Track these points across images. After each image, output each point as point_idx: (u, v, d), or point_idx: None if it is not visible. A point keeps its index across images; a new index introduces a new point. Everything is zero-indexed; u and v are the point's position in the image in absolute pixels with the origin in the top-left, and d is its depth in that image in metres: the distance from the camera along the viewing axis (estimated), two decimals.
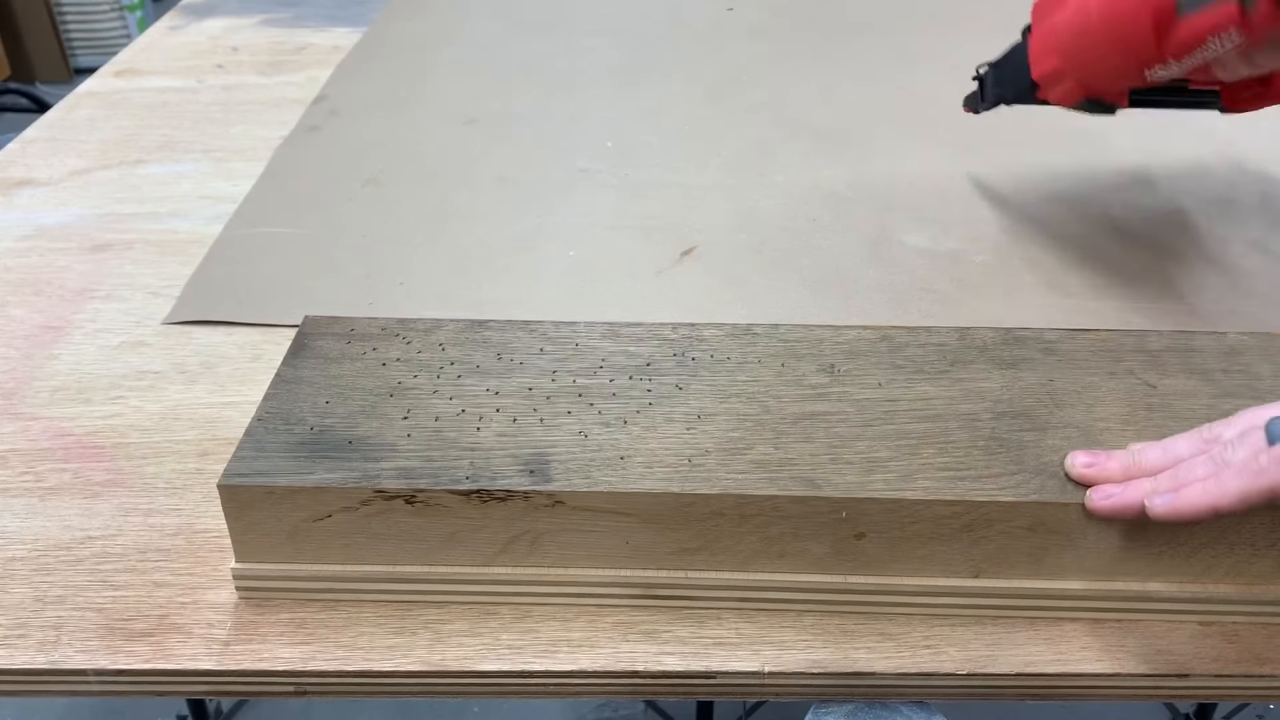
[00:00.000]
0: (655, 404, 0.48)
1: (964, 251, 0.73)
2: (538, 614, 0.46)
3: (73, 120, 0.96)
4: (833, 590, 0.46)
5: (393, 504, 0.44)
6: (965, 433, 0.47)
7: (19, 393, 0.60)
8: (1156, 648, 0.45)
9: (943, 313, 0.66)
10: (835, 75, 1.02)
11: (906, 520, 0.44)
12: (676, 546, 0.45)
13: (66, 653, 0.44)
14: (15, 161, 0.88)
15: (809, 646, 0.45)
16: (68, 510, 0.51)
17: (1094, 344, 0.53)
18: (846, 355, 0.52)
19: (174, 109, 0.98)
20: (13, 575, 0.47)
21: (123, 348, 0.64)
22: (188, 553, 0.49)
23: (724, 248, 0.74)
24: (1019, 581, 0.45)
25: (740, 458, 0.45)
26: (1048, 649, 0.45)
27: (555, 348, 0.52)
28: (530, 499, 0.44)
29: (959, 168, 0.85)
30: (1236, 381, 0.50)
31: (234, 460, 0.44)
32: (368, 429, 0.46)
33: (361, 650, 0.44)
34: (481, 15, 1.18)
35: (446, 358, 0.51)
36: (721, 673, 0.44)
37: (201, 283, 0.70)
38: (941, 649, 0.45)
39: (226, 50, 1.13)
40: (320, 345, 0.52)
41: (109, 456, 0.55)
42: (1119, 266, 0.71)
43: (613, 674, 0.44)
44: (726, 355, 0.52)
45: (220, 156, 0.87)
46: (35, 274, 0.72)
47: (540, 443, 0.46)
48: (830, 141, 0.88)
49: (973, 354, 0.52)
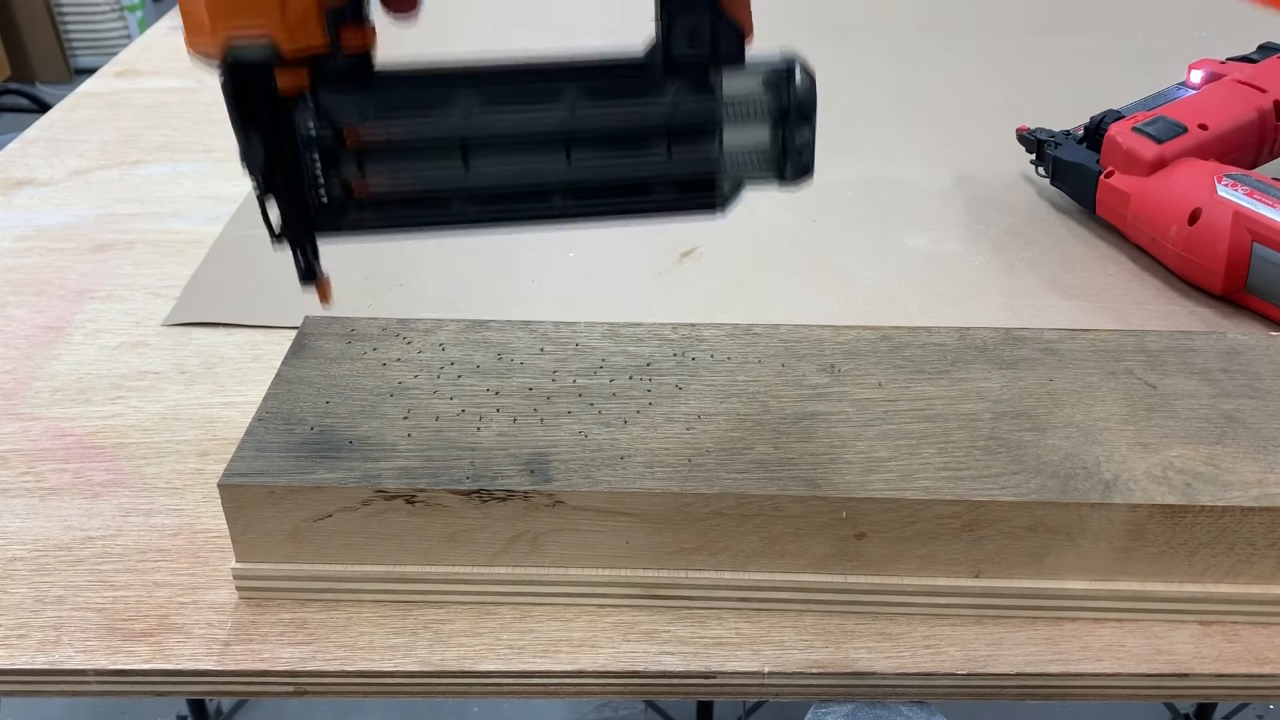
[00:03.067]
0: (655, 404, 0.48)
1: (964, 252, 0.73)
2: (538, 614, 0.46)
3: (73, 120, 0.96)
4: (833, 590, 0.46)
5: (393, 504, 0.44)
6: (965, 433, 0.47)
7: (19, 393, 0.60)
8: (1156, 648, 0.45)
9: (943, 313, 0.66)
10: (835, 75, 1.02)
11: (906, 520, 0.44)
12: (676, 546, 0.45)
13: (66, 653, 0.44)
14: (15, 161, 0.88)
15: (809, 646, 0.45)
16: (68, 510, 0.51)
17: (1094, 344, 0.53)
18: (846, 355, 0.52)
19: (174, 109, 0.98)
20: (13, 575, 0.47)
21: (123, 348, 0.64)
22: (188, 553, 0.49)
23: (724, 248, 0.74)
24: (1019, 581, 0.45)
25: (740, 458, 0.45)
26: (1048, 649, 0.45)
27: (555, 348, 0.52)
28: (530, 499, 0.44)
29: (959, 168, 0.85)
30: (1236, 381, 0.50)
31: (234, 460, 0.44)
32: (368, 429, 0.46)
33: (362, 650, 0.44)
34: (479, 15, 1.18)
35: (447, 358, 0.51)
36: (721, 673, 0.44)
37: (202, 283, 0.70)
38: (941, 649, 0.45)
39: None
40: (320, 345, 0.52)
41: (109, 457, 0.55)
42: (1119, 266, 0.71)
43: (613, 674, 0.44)
44: (726, 355, 0.52)
45: (221, 157, 0.87)
46: (35, 274, 0.72)
47: (540, 443, 0.46)
48: (830, 142, 0.88)
49: (973, 354, 0.52)
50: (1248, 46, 0.82)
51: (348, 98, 0.39)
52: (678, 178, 0.41)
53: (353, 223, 0.41)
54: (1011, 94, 1.00)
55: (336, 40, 0.38)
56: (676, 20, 0.39)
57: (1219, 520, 0.43)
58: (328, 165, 0.40)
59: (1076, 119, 0.78)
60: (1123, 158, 0.70)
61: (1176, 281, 0.69)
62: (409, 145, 0.40)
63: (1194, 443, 0.46)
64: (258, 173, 0.40)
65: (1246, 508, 0.43)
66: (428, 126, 0.40)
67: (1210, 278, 0.65)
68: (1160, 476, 0.44)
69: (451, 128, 0.40)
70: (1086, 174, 0.74)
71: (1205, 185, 0.65)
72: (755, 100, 0.40)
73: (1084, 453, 0.45)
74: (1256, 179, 0.65)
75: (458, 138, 0.40)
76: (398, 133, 0.40)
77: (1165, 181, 0.68)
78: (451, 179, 0.41)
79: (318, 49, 0.38)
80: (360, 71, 0.39)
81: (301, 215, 0.41)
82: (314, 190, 0.40)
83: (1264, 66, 0.77)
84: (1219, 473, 0.44)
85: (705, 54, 0.40)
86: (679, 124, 0.40)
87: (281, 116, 0.39)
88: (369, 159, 0.40)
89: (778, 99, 0.40)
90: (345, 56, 0.39)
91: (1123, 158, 0.70)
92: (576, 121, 0.40)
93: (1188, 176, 0.67)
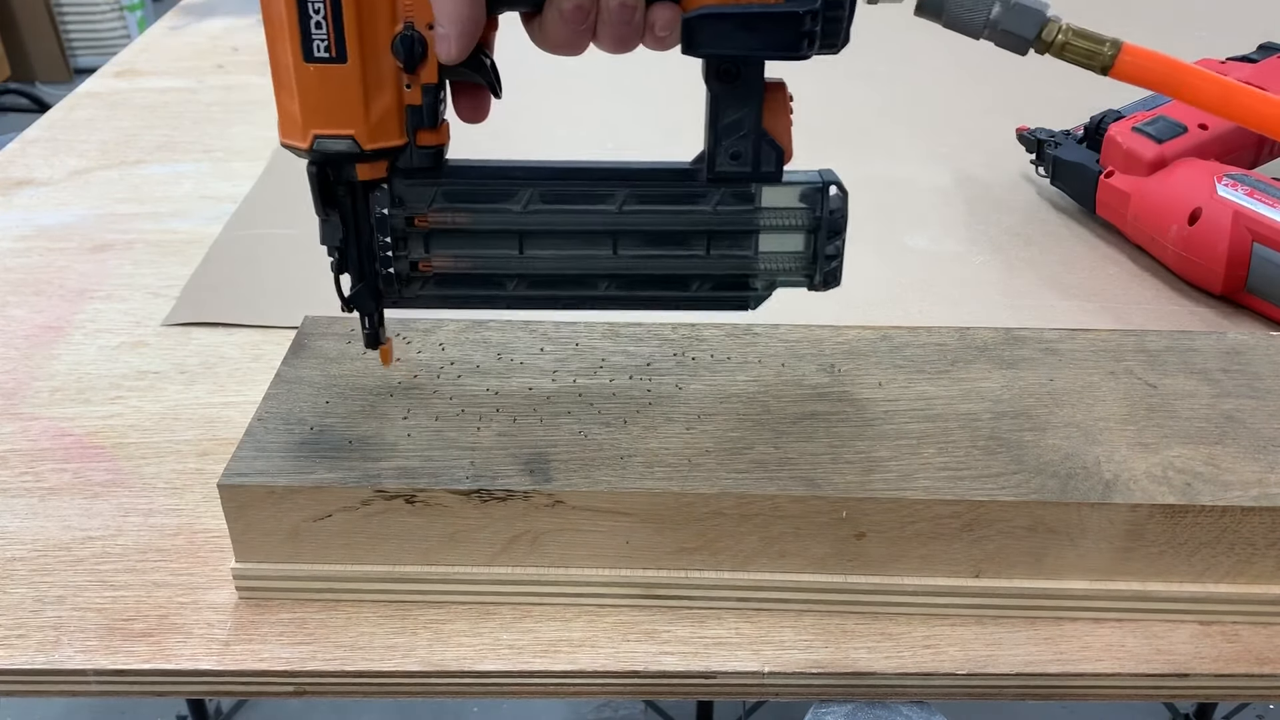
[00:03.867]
0: (655, 404, 0.48)
1: (964, 252, 0.73)
2: (538, 614, 0.46)
3: (73, 120, 0.96)
4: (833, 590, 0.46)
5: (393, 504, 0.44)
6: (965, 432, 0.47)
7: (19, 393, 0.60)
8: (1156, 648, 0.45)
9: (943, 313, 0.66)
10: (835, 75, 1.02)
11: (906, 520, 0.44)
12: (676, 546, 0.45)
13: (66, 653, 0.44)
14: (15, 161, 0.88)
15: (809, 646, 0.45)
16: (68, 510, 0.51)
17: (1094, 344, 0.53)
18: (846, 355, 0.52)
19: (174, 109, 0.98)
20: (13, 575, 0.47)
21: (123, 348, 0.64)
22: (188, 553, 0.49)
23: None
24: (1019, 581, 0.45)
25: (740, 457, 0.45)
26: (1048, 649, 0.45)
27: (555, 348, 0.52)
28: (530, 499, 0.44)
29: (959, 168, 0.85)
30: (1236, 381, 0.50)
31: (234, 460, 0.44)
32: (368, 429, 0.46)
33: (361, 650, 0.44)
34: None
35: (446, 358, 0.51)
36: (721, 673, 0.44)
37: (201, 283, 0.70)
38: (941, 649, 0.45)
39: (227, 50, 1.13)
40: (320, 345, 0.52)
41: (109, 456, 0.55)
42: (1119, 266, 0.71)
43: (613, 674, 0.44)
44: (726, 355, 0.52)
45: (220, 156, 0.87)
46: (35, 274, 0.72)
47: (540, 442, 0.46)
48: (830, 141, 0.88)
49: (973, 354, 0.52)
50: (1248, 46, 0.82)
51: (419, 187, 0.43)
52: (714, 277, 0.45)
53: (416, 297, 0.46)
54: (1011, 94, 1.00)
55: (413, 137, 0.42)
56: (723, 140, 0.43)
57: (1219, 520, 0.43)
58: (397, 245, 0.44)
59: (1076, 119, 0.78)
60: (1123, 157, 0.70)
61: (1176, 281, 0.69)
62: (472, 231, 0.44)
63: (1194, 443, 0.46)
64: (334, 250, 0.44)
65: (1246, 508, 0.43)
66: (490, 217, 0.44)
67: (1210, 278, 0.65)
68: (1160, 476, 0.44)
69: (511, 219, 0.44)
70: (1086, 174, 0.74)
71: (1205, 185, 0.65)
72: (791, 212, 0.44)
73: (1084, 453, 0.45)
74: (1256, 179, 0.65)
75: (516, 228, 0.44)
76: (462, 220, 0.44)
77: (1165, 181, 0.68)
78: (508, 264, 0.45)
79: (396, 145, 0.42)
80: (432, 164, 0.43)
81: (371, 289, 0.45)
82: (383, 267, 0.44)
83: (1264, 66, 0.77)
84: (1219, 473, 0.44)
85: (748, 171, 0.43)
86: (719, 228, 0.44)
87: (359, 201, 0.43)
88: (435, 242, 0.44)
89: (812, 213, 0.44)
90: (420, 149, 0.43)
91: (1123, 157, 0.70)
92: (624, 219, 0.44)
93: (1188, 176, 0.67)
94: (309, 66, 0.39)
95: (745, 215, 0.44)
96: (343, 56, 0.39)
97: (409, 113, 0.41)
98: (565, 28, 0.40)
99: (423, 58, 0.40)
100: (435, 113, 0.42)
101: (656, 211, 0.44)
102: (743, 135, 0.43)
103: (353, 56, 0.39)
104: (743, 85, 0.42)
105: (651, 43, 0.41)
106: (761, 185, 0.44)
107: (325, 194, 0.43)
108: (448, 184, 0.43)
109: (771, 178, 0.44)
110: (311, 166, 0.42)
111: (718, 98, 0.42)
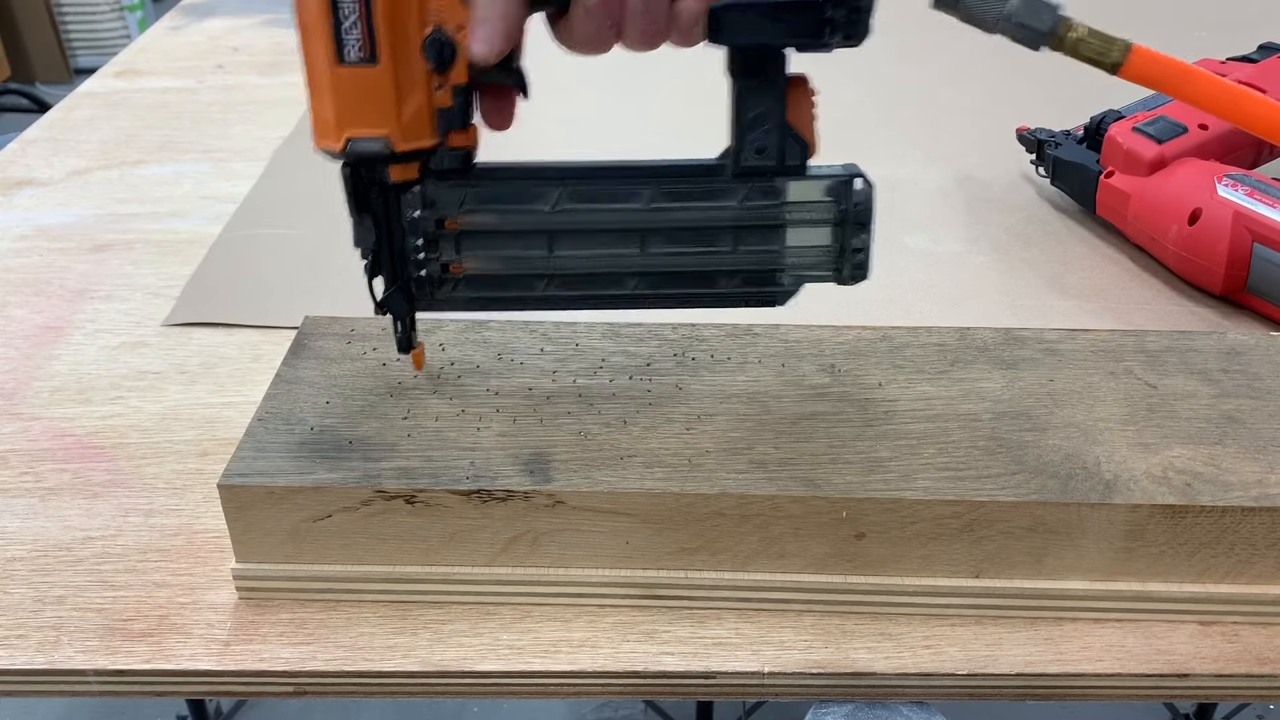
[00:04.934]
0: (655, 404, 0.48)
1: (964, 252, 0.73)
2: (538, 614, 0.46)
3: (73, 120, 0.96)
4: (833, 590, 0.46)
5: (393, 504, 0.44)
6: (965, 433, 0.47)
7: (19, 393, 0.60)
8: (1156, 648, 0.45)
9: (942, 313, 0.66)
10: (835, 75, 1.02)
11: (906, 520, 0.44)
12: (676, 546, 0.45)
13: (66, 653, 0.44)
14: (15, 161, 0.88)
15: (809, 646, 0.45)
16: (68, 510, 0.51)
17: (1094, 344, 0.53)
18: (846, 355, 0.52)
19: (174, 109, 0.98)
20: (13, 575, 0.47)
21: (123, 348, 0.64)
22: (188, 553, 0.49)
23: None
24: (1019, 581, 0.45)
25: (740, 458, 0.45)
26: (1048, 649, 0.45)
27: (555, 348, 0.52)
28: (530, 499, 0.44)
29: (959, 168, 0.85)
30: (1236, 381, 0.50)
31: (234, 460, 0.44)
32: (368, 429, 0.46)
33: (361, 650, 0.44)
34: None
35: (446, 358, 0.51)
36: (721, 673, 0.44)
37: (201, 283, 0.70)
38: (941, 649, 0.45)
39: (227, 50, 1.13)
40: (320, 345, 0.52)
41: (109, 457, 0.55)
42: (1119, 266, 0.71)
43: (613, 674, 0.44)
44: (726, 355, 0.52)
45: (220, 156, 0.87)
46: (35, 274, 0.72)
47: (540, 443, 0.46)
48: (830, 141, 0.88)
49: (973, 354, 0.52)
50: (1248, 46, 0.82)
51: (450, 189, 0.44)
52: (743, 273, 0.46)
53: (448, 299, 0.46)
54: (1011, 94, 1.00)
55: (444, 138, 0.43)
56: (748, 134, 0.43)
57: (1219, 520, 0.43)
58: (429, 247, 0.45)
59: (1076, 119, 0.78)
60: (1123, 158, 0.70)
61: (1176, 281, 0.69)
62: (502, 232, 0.45)
63: (1194, 443, 0.46)
64: (368, 252, 0.45)
65: (1247, 508, 0.43)
66: (519, 217, 0.45)
67: (1210, 278, 0.65)
68: (1160, 476, 0.44)
69: (540, 219, 0.45)
70: (1086, 174, 0.74)
71: (1205, 185, 0.65)
72: (818, 206, 0.45)
73: (1084, 453, 0.45)
74: (1256, 179, 0.65)
75: (546, 228, 0.45)
76: (493, 221, 0.45)
77: (1165, 181, 0.68)
78: (537, 264, 0.45)
79: (427, 146, 0.42)
80: (463, 166, 0.44)
81: (404, 292, 0.45)
82: (415, 269, 0.45)
83: (1264, 66, 0.77)
84: (1219, 473, 0.44)
85: (773, 165, 0.44)
86: (746, 224, 0.45)
87: (391, 204, 0.44)
88: (465, 243, 0.45)
89: (838, 206, 0.45)
90: (450, 151, 0.43)
91: (1123, 158, 0.70)
92: (652, 217, 0.45)
93: (1188, 176, 0.67)
94: (342, 69, 0.40)
95: (772, 210, 0.44)
96: (374, 58, 0.40)
97: (440, 115, 0.42)
98: (592, 23, 0.40)
99: (452, 59, 0.41)
100: (465, 114, 0.42)
101: (684, 208, 0.44)
102: (767, 129, 0.43)
103: (384, 58, 0.40)
104: (766, 79, 0.42)
105: (677, 38, 0.41)
106: (787, 179, 0.44)
107: (359, 196, 0.43)
108: (478, 185, 0.44)
109: (796, 171, 0.44)
110: (345, 169, 0.43)
111: (741, 92, 0.43)
